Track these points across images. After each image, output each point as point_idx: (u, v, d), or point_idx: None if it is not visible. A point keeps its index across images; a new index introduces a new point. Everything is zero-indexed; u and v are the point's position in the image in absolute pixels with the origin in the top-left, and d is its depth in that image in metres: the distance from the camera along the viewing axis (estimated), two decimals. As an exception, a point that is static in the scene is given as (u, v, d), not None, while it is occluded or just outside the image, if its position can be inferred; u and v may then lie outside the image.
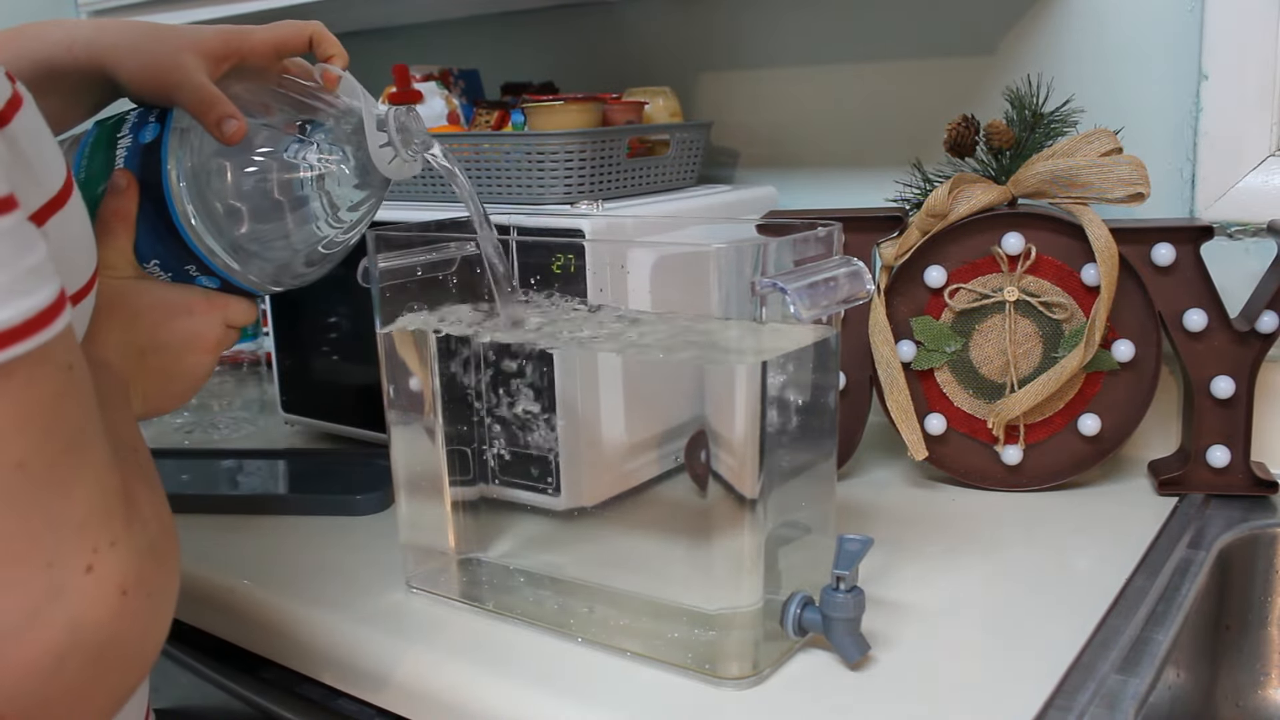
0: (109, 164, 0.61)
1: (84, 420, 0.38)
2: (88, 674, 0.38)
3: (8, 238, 0.35)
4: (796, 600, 0.60)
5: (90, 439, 0.39)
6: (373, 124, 0.63)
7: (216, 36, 0.61)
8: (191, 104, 0.59)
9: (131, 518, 0.40)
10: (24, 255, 0.35)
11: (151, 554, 0.40)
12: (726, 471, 0.58)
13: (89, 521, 0.37)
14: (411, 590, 0.72)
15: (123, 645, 0.39)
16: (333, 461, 0.99)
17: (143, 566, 0.39)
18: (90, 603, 0.37)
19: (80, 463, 0.38)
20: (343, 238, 0.65)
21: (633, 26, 1.22)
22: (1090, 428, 0.86)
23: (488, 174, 0.97)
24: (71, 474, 0.37)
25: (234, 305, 0.63)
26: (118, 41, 0.60)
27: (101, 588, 0.37)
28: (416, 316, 0.69)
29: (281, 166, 0.61)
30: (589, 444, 0.67)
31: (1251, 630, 0.78)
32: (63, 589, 0.36)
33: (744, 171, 1.17)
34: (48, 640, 0.36)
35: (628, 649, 0.62)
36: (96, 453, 0.39)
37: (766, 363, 0.56)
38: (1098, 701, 0.57)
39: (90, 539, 0.37)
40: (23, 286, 0.35)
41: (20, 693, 0.36)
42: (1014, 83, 0.88)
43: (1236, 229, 0.89)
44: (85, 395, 0.39)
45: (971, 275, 0.87)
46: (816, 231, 0.61)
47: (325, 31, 0.67)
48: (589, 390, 0.66)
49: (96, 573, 0.37)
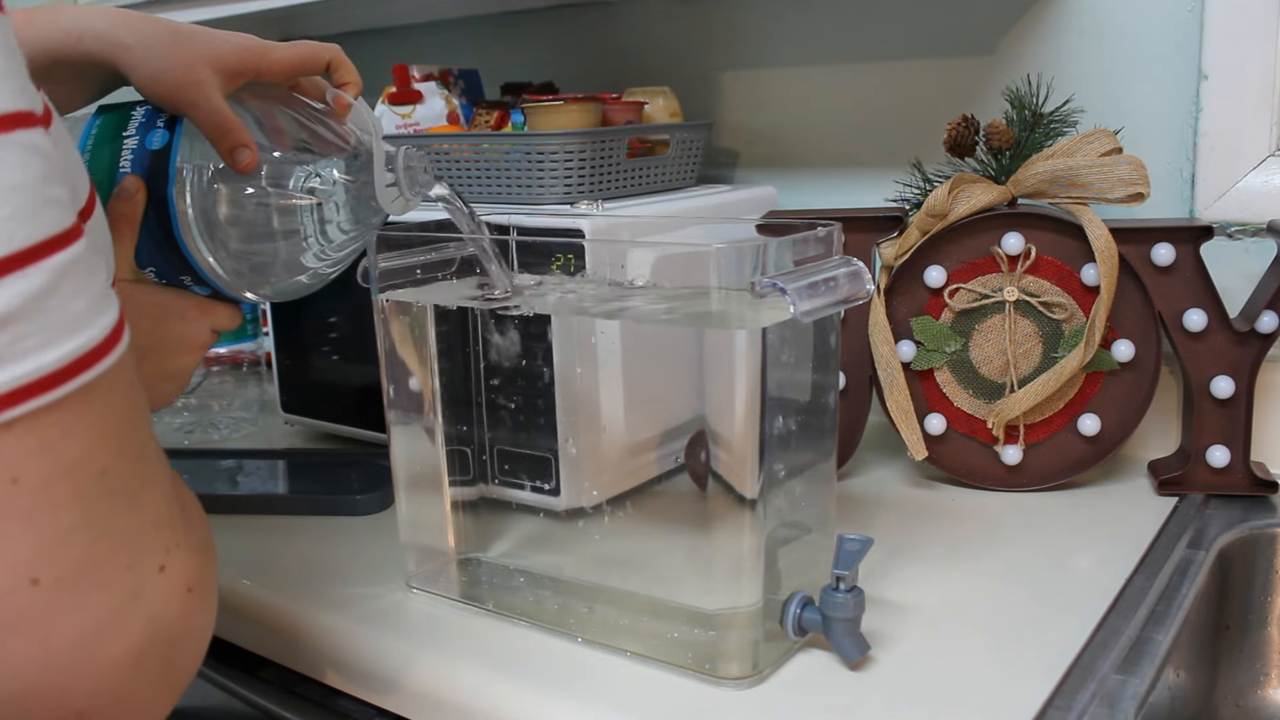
0: (113, 159, 0.61)
1: (148, 428, 0.41)
2: (161, 668, 0.40)
3: (81, 261, 0.36)
4: (796, 600, 0.61)
5: (154, 446, 0.41)
6: (381, 161, 0.64)
7: (234, 52, 0.61)
8: (206, 127, 0.59)
9: (188, 518, 0.42)
10: (96, 275, 0.37)
11: (204, 552, 0.43)
12: (726, 471, 0.58)
13: (160, 524, 0.40)
14: (411, 590, 0.72)
15: (189, 640, 0.41)
16: (333, 461, 0.99)
17: (201, 564, 0.42)
18: (164, 601, 0.39)
19: (150, 469, 0.40)
20: (335, 267, 0.67)
21: (633, 26, 1.22)
22: (1090, 428, 0.86)
23: (488, 174, 0.97)
24: (144, 480, 0.39)
25: (221, 312, 0.65)
26: (132, 42, 0.60)
27: (173, 587, 0.40)
28: (413, 290, 0.69)
29: (286, 195, 0.61)
30: (589, 444, 0.67)
31: (1251, 630, 0.78)
32: (142, 589, 0.38)
33: (744, 171, 1.17)
34: (129, 638, 0.38)
35: (628, 649, 0.62)
36: (160, 459, 0.41)
37: (767, 329, 0.56)
38: (1098, 701, 0.57)
39: (162, 540, 0.40)
40: (100, 306, 0.37)
41: (103, 689, 0.38)
42: (1014, 83, 0.88)
43: (1236, 229, 0.89)
44: (146, 404, 0.41)
45: (971, 275, 0.87)
46: (816, 231, 0.61)
47: (344, 57, 0.67)
48: (589, 389, 0.66)
49: (168, 573, 0.39)
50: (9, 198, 0.34)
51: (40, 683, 0.36)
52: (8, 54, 0.35)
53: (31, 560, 0.35)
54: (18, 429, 0.34)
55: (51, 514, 0.35)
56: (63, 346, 0.35)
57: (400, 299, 0.69)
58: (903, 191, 0.91)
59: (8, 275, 0.33)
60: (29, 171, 0.34)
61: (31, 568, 0.35)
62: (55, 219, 0.35)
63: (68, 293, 0.35)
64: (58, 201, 0.36)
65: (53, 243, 0.35)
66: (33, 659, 0.36)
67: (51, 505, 0.35)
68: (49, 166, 0.35)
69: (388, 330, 0.70)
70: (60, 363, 0.35)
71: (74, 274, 0.36)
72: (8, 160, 0.34)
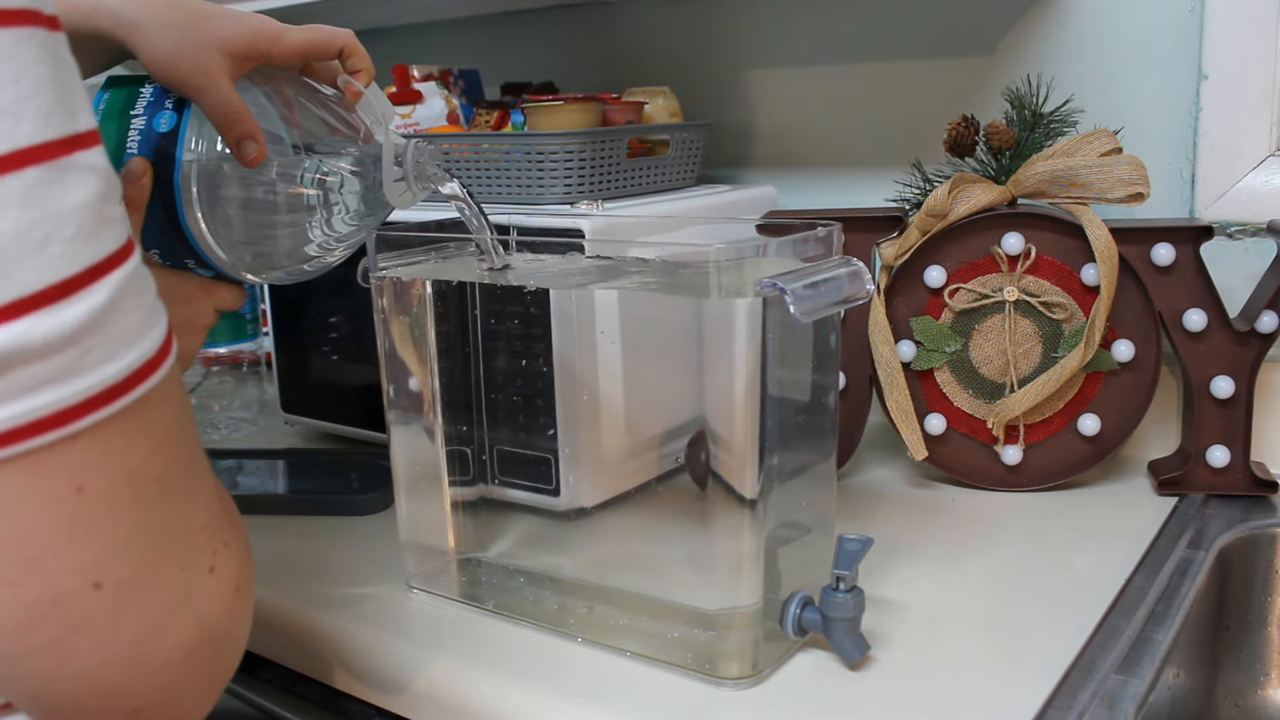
0: (120, 138, 0.60)
1: (195, 433, 0.42)
2: (210, 665, 0.41)
3: (137, 275, 0.37)
4: (796, 600, 0.60)
5: (200, 450, 0.42)
6: (390, 156, 0.64)
7: (246, 35, 0.60)
8: (214, 116, 0.58)
9: (232, 519, 0.44)
10: (148, 288, 0.38)
11: (247, 551, 0.44)
12: (726, 471, 0.58)
13: (209, 526, 0.41)
14: (411, 590, 0.72)
15: (234, 637, 0.43)
16: (333, 461, 0.99)
17: (245, 563, 0.43)
18: (214, 601, 0.41)
19: (198, 472, 0.41)
20: (340, 254, 0.66)
21: (633, 26, 1.22)
22: (1090, 428, 0.86)
23: (488, 174, 0.97)
24: (194, 483, 0.41)
25: (224, 292, 0.65)
26: (143, 21, 0.59)
27: (222, 586, 0.41)
28: (412, 269, 0.69)
29: (292, 185, 0.61)
30: (589, 444, 0.67)
31: (1251, 630, 0.78)
32: (194, 589, 0.40)
33: (744, 171, 1.17)
34: (182, 637, 0.39)
35: (628, 649, 0.62)
36: (205, 462, 0.42)
37: (767, 300, 0.55)
38: (1098, 701, 0.57)
39: (211, 542, 0.41)
40: (153, 318, 0.38)
41: (158, 685, 0.39)
42: (1014, 83, 0.88)
43: (1236, 229, 0.89)
44: (191, 410, 0.42)
45: (971, 275, 0.87)
46: (816, 231, 0.61)
47: (356, 43, 0.66)
48: (589, 389, 0.66)
49: (217, 573, 0.41)
50: (74, 216, 0.35)
51: (100, 682, 0.38)
52: (67, 74, 0.36)
53: (95, 565, 0.36)
54: (83, 440, 0.35)
55: (114, 521, 0.37)
56: (124, 359, 0.36)
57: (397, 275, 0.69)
58: (903, 191, 0.91)
59: (77, 293, 0.35)
60: (89, 191, 0.35)
61: (95, 572, 0.36)
62: (114, 236, 0.37)
63: (127, 306, 0.37)
64: (116, 219, 0.37)
65: (113, 259, 0.36)
66: (94, 659, 0.37)
67: (114, 513, 0.37)
68: (107, 186, 0.37)
69: (388, 330, 0.70)
70: (121, 375, 0.36)
71: (132, 288, 0.37)
72: (71, 181, 0.35)
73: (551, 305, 0.67)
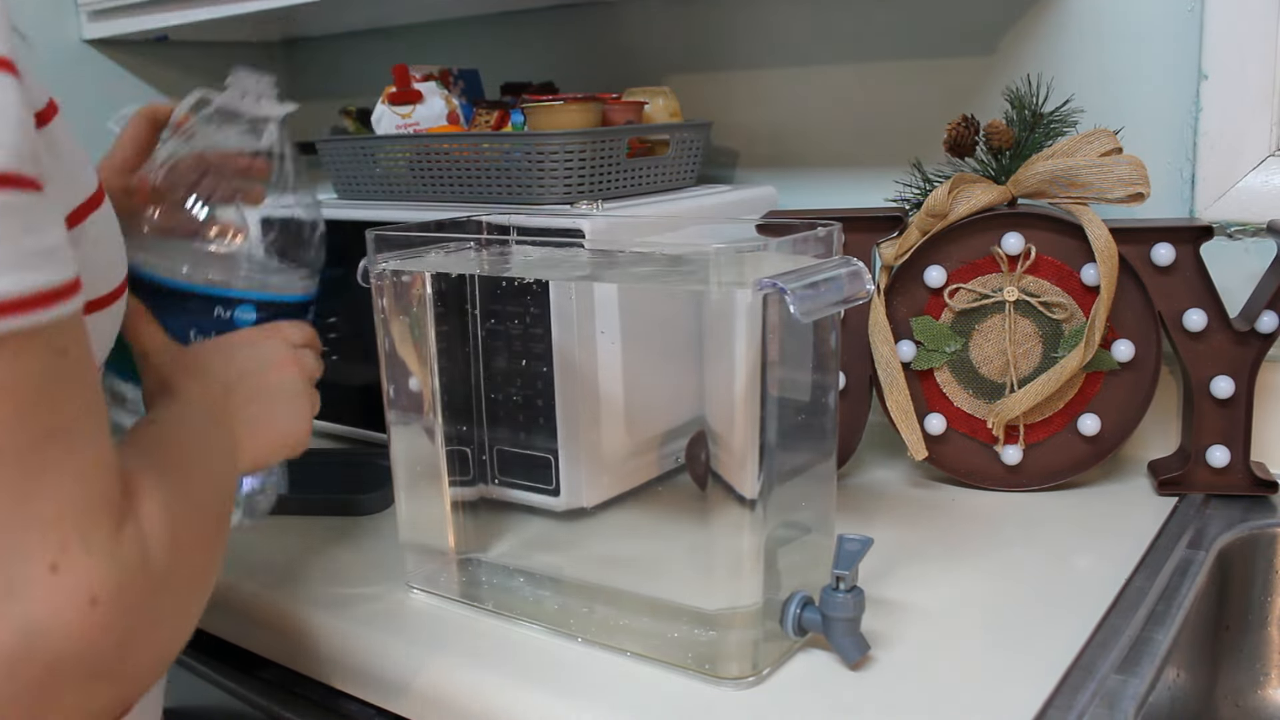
0: None
1: (77, 412, 0.36)
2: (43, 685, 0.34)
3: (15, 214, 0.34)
4: (796, 600, 0.61)
5: (82, 434, 0.36)
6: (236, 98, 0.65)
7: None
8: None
9: (123, 527, 0.37)
10: (31, 235, 0.34)
11: (143, 571, 0.37)
12: (726, 471, 0.58)
13: (62, 518, 0.35)
14: (411, 590, 0.72)
15: (89, 661, 0.35)
16: (333, 461, 0.99)
17: (126, 580, 0.36)
18: (50, 606, 0.34)
19: (63, 455, 0.35)
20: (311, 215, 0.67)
21: (633, 26, 1.22)
22: (1090, 428, 0.86)
23: (488, 174, 0.97)
24: (49, 464, 0.35)
25: (286, 327, 0.63)
26: None
27: (65, 592, 0.34)
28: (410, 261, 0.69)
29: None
30: (589, 444, 0.67)
31: (1251, 630, 0.78)
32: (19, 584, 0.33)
33: (744, 171, 1.17)
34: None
35: (628, 649, 0.62)
36: (89, 450, 0.36)
37: (767, 299, 0.55)
38: (1098, 701, 0.57)
39: (59, 536, 0.34)
40: (26, 263, 0.34)
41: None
42: (1014, 83, 0.88)
43: (1236, 229, 0.89)
44: (82, 387, 0.37)
45: (971, 275, 0.87)
46: (816, 231, 0.61)
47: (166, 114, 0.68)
48: (589, 389, 0.66)
49: (61, 574, 0.34)
50: None
51: None
52: None
53: None
54: None
55: None
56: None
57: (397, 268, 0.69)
58: (903, 191, 0.91)
59: None
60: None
61: None
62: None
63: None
64: None
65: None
66: None
67: None
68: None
69: (388, 330, 0.70)
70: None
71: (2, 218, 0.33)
72: None
73: (551, 305, 0.67)
